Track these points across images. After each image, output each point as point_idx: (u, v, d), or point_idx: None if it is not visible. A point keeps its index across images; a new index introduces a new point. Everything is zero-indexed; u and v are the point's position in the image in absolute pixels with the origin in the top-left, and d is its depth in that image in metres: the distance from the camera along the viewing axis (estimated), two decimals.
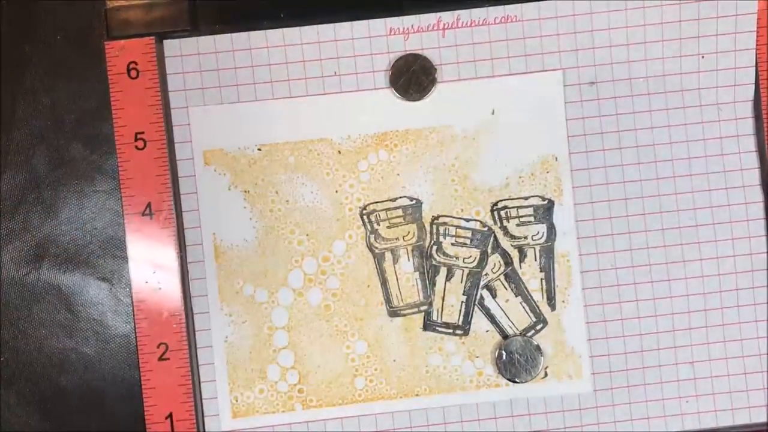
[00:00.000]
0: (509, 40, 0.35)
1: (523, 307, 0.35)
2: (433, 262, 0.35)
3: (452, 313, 0.35)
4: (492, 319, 0.35)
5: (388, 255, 0.35)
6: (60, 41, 0.35)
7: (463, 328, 0.35)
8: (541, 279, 0.35)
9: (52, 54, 0.35)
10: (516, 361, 0.35)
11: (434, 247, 0.35)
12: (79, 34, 0.35)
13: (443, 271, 0.35)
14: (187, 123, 0.35)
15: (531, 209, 0.35)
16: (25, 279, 0.35)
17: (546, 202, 0.35)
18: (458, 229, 0.35)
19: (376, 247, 0.35)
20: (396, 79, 0.35)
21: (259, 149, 0.35)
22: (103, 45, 0.34)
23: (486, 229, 0.35)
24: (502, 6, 0.35)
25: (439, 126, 0.35)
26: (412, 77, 0.35)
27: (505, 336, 0.35)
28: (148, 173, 0.34)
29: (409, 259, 0.35)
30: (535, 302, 0.35)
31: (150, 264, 0.34)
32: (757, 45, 0.35)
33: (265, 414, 0.35)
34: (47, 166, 0.35)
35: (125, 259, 0.35)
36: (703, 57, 0.35)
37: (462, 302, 0.35)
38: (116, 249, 0.35)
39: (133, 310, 0.34)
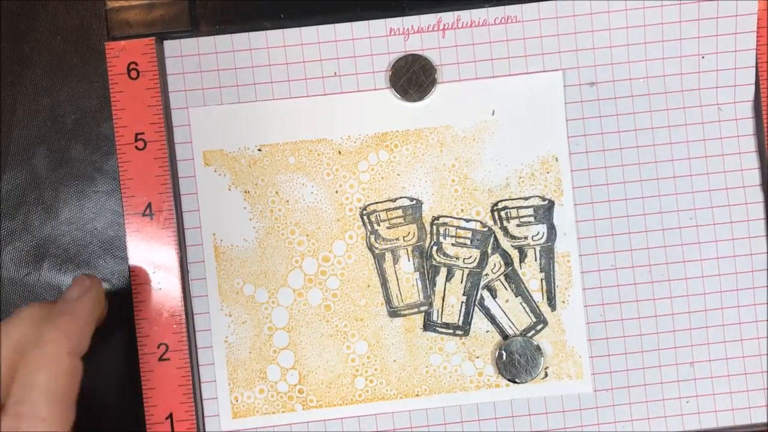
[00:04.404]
0: (509, 41, 0.35)
1: (524, 308, 0.35)
2: (433, 263, 0.35)
3: (452, 314, 0.35)
4: (492, 319, 0.35)
5: (388, 255, 0.35)
6: (60, 41, 0.35)
7: (463, 328, 0.35)
8: (542, 279, 0.35)
9: (52, 54, 0.35)
10: (516, 361, 0.35)
11: (434, 248, 0.35)
12: (79, 34, 0.35)
13: (443, 271, 0.35)
14: (188, 123, 0.35)
15: (531, 209, 0.35)
16: (25, 279, 0.35)
17: (546, 202, 0.35)
18: (458, 230, 0.35)
19: (377, 248, 0.35)
20: (396, 80, 0.35)
21: (260, 150, 0.35)
22: (103, 45, 0.35)
23: (486, 229, 0.35)
24: (503, 6, 0.35)
25: (439, 126, 0.35)
26: (412, 78, 0.35)
27: (505, 336, 0.35)
28: (148, 174, 0.34)
29: (409, 260, 0.35)
30: (535, 302, 0.35)
31: (150, 264, 0.34)
32: (757, 45, 0.35)
33: (266, 414, 0.35)
34: (47, 166, 0.35)
35: (125, 259, 0.35)
36: (703, 57, 0.35)
37: (462, 302, 0.35)
38: (116, 249, 0.35)
39: (133, 311, 0.34)
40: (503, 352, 0.35)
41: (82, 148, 0.35)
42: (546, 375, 0.35)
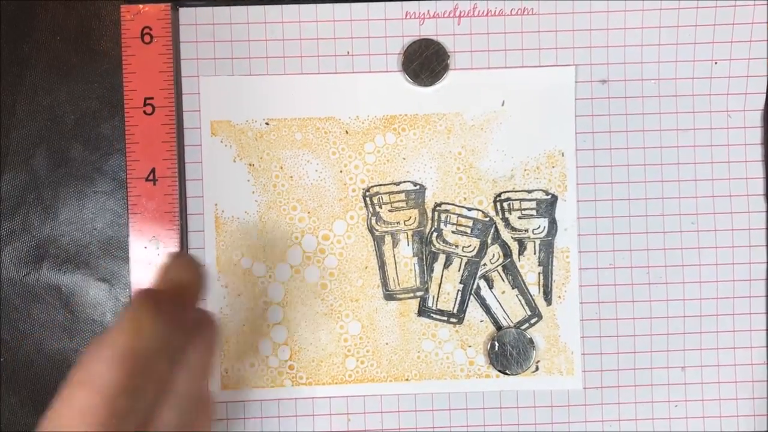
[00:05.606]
0: (524, 33, 0.35)
1: (519, 300, 0.35)
2: (433, 249, 0.35)
3: (448, 301, 0.35)
4: (487, 309, 0.35)
5: (387, 238, 0.35)
6: (60, 41, 0.35)
7: (457, 316, 0.35)
8: (539, 273, 0.35)
9: (52, 54, 0.35)
10: (508, 352, 0.35)
11: (434, 234, 0.35)
12: (79, 34, 0.35)
13: (442, 258, 0.35)
14: (197, 92, 0.35)
15: (534, 203, 0.35)
16: (25, 279, 0.35)
17: (549, 196, 0.35)
18: (460, 218, 0.35)
19: (377, 230, 0.35)
20: (408, 63, 0.35)
21: (267, 123, 0.35)
22: (102, 45, 0.35)
23: (487, 219, 0.35)
24: None
25: (448, 113, 0.35)
26: (425, 62, 0.35)
27: (498, 327, 0.35)
28: (155, 139, 0.34)
29: (408, 244, 0.35)
30: (531, 296, 0.35)
31: (150, 230, 0.34)
32: None
33: (255, 388, 0.35)
34: (47, 166, 0.35)
35: (125, 259, 0.35)
36: (716, 63, 0.35)
37: (458, 290, 0.35)
38: (116, 249, 0.35)
39: (129, 275, 0.34)
40: (496, 342, 0.35)
41: (82, 148, 0.35)
42: (537, 369, 0.35)
